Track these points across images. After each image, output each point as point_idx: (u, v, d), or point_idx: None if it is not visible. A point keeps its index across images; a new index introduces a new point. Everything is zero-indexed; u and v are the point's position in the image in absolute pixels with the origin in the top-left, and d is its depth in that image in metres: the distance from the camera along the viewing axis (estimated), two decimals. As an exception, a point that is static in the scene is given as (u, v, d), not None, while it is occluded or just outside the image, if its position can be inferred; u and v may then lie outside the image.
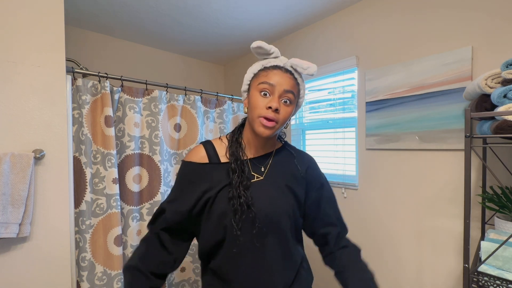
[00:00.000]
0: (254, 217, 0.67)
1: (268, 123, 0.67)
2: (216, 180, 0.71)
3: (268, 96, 0.68)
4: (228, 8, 1.59)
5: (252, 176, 0.73)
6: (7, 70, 0.92)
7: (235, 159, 0.71)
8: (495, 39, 1.07)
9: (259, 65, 0.74)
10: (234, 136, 0.77)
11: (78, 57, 1.76)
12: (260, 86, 0.69)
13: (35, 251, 0.97)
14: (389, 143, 1.38)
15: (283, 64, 0.73)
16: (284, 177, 0.76)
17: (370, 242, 1.49)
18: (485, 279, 0.77)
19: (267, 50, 0.72)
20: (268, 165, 0.76)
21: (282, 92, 0.68)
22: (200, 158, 0.74)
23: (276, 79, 0.68)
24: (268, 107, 0.66)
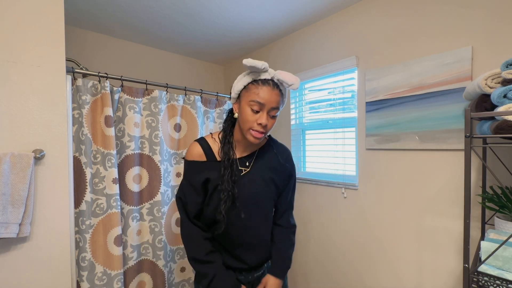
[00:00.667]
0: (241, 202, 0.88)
1: (258, 135, 0.83)
2: (214, 175, 0.87)
3: (258, 113, 0.81)
4: (228, 8, 1.59)
5: (240, 170, 0.91)
6: (7, 70, 0.92)
7: (227, 158, 0.87)
8: (495, 39, 1.07)
9: (249, 77, 0.83)
10: (226, 138, 0.91)
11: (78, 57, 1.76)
12: (251, 103, 0.81)
13: (35, 251, 0.97)
14: (389, 143, 1.38)
15: (271, 77, 0.82)
16: (266, 168, 0.94)
17: (370, 242, 1.49)
18: (485, 279, 0.77)
19: (259, 68, 0.80)
20: (253, 160, 0.94)
21: (269, 109, 0.82)
22: (199, 156, 0.90)
23: (265, 97, 0.80)
24: (259, 124, 0.81)
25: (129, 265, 1.37)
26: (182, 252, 1.56)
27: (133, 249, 1.37)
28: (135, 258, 1.39)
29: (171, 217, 1.53)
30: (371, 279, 1.49)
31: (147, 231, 1.41)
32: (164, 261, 1.44)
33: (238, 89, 0.85)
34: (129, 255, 1.36)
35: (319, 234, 1.75)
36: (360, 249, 1.54)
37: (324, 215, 1.72)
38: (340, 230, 1.63)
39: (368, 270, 1.50)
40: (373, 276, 1.48)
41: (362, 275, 1.53)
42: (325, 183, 1.71)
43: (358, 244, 1.55)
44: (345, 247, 1.61)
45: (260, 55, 2.23)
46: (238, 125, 0.89)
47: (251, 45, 2.16)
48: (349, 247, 1.59)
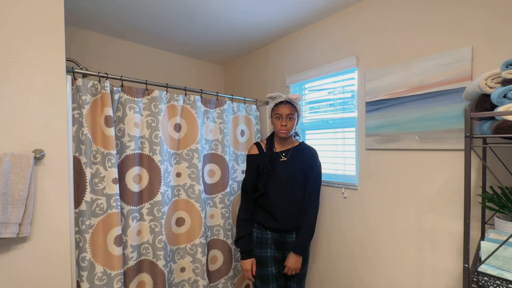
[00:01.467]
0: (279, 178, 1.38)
1: (283, 131, 1.38)
2: (263, 162, 1.41)
3: (280, 119, 1.38)
4: (228, 9, 1.59)
5: (280, 157, 1.42)
6: (7, 70, 0.92)
7: (268, 149, 1.44)
8: (495, 39, 1.07)
9: (272, 103, 1.43)
10: (269, 138, 1.48)
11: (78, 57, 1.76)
12: (275, 115, 1.40)
13: (35, 251, 0.98)
14: (389, 143, 1.38)
15: (284, 99, 1.39)
16: (297, 160, 1.42)
17: (370, 242, 1.49)
18: (485, 279, 0.77)
19: (274, 96, 1.43)
20: (289, 153, 1.44)
21: (286, 115, 1.37)
22: (254, 151, 1.46)
23: (282, 110, 1.37)
24: (281, 125, 1.37)
25: (129, 265, 1.37)
26: (182, 252, 1.56)
27: (133, 249, 1.37)
28: (135, 258, 1.39)
29: (171, 217, 1.54)
30: (371, 279, 1.49)
31: (147, 231, 1.41)
32: (164, 261, 1.44)
33: (269, 111, 1.46)
34: (129, 255, 1.36)
35: (319, 234, 1.75)
36: (360, 249, 1.54)
37: (324, 215, 1.72)
38: (340, 230, 1.63)
39: (368, 270, 1.50)
40: (373, 276, 1.48)
41: (362, 275, 1.53)
42: (325, 183, 1.71)
43: (358, 244, 1.55)
44: (345, 247, 1.61)
45: (260, 55, 2.23)
46: (275, 131, 1.45)
47: (251, 45, 2.16)
48: (349, 247, 1.59)
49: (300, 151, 1.44)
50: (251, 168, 1.43)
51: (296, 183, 1.39)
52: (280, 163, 1.39)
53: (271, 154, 1.40)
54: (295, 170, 1.39)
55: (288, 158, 1.41)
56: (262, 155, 1.42)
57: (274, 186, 1.37)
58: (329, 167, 1.73)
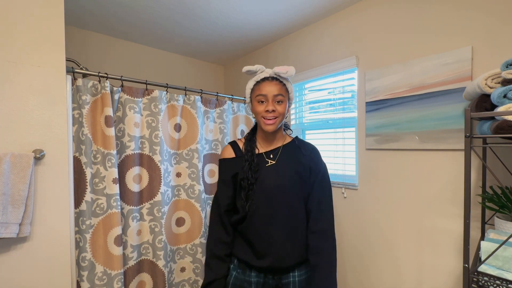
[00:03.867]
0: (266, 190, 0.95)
1: (269, 121, 0.95)
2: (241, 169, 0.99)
3: (264, 103, 0.95)
4: (228, 9, 1.59)
5: (266, 161, 1.00)
6: (7, 70, 0.92)
7: (247, 151, 1.01)
8: (495, 39, 1.07)
9: (253, 81, 0.99)
10: (249, 136, 1.07)
11: (78, 57, 1.76)
12: (257, 97, 0.96)
13: (35, 251, 0.97)
14: (389, 143, 1.38)
15: (269, 75, 0.96)
16: (292, 161, 1.00)
17: (370, 242, 1.49)
18: (485, 279, 0.77)
19: (254, 70, 0.97)
20: (278, 154, 1.02)
21: (273, 97, 0.95)
22: (228, 154, 1.06)
23: (266, 89, 0.94)
24: (266, 110, 0.94)
25: (129, 265, 1.37)
26: (182, 252, 1.56)
27: (133, 249, 1.37)
28: (135, 258, 1.39)
29: (171, 217, 1.53)
30: (371, 279, 1.49)
31: (147, 231, 1.41)
32: (164, 261, 1.44)
33: (248, 94, 1.02)
34: (129, 255, 1.36)
35: (319, 234, 1.75)
36: (360, 249, 1.54)
37: (324, 215, 1.72)
38: (340, 230, 1.63)
39: (368, 270, 1.50)
40: (373, 276, 1.48)
41: (362, 275, 1.53)
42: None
43: (358, 244, 1.55)
44: (345, 247, 1.61)
45: (260, 55, 2.23)
46: (258, 124, 1.04)
47: (251, 45, 2.16)
48: (349, 247, 1.59)
49: (294, 150, 1.03)
50: (225, 178, 1.01)
51: (293, 196, 0.96)
52: (267, 170, 0.97)
53: (252, 157, 0.98)
54: (290, 177, 0.96)
55: (277, 161, 0.99)
56: (241, 159, 1.00)
57: (260, 204, 0.94)
58: (329, 167, 1.73)
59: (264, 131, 0.99)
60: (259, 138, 1.05)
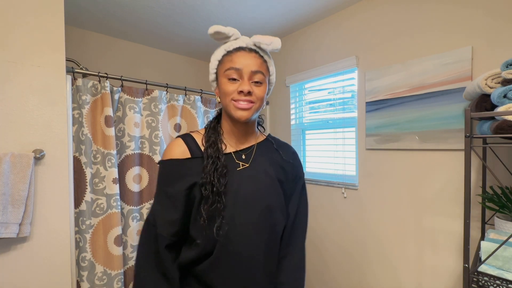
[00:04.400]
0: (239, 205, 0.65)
1: (244, 105, 0.65)
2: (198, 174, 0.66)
3: (237, 81, 0.66)
4: (228, 9, 1.59)
5: (237, 164, 0.70)
6: (7, 70, 0.92)
7: (210, 144, 0.68)
8: (495, 39, 1.07)
9: (222, 50, 0.70)
10: (212, 123, 0.74)
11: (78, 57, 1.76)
12: (227, 72, 0.66)
13: (35, 251, 0.97)
14: (389, 143, 1.38)
15: (246, 44, 0.69)
16: (269, 164, 0.73)
17: (370, 242, 1.49)
18: (485, 279, 0.77)
19: (226, 33, 0.67)
20: (252, 153, 0.74)
21: (250, 74, 0.66)
22: (180, 153, 0.68)
23: (241, 61, 0.66)
24: (240, 92, 0.64)
25: (129, 265, 1.37)
26: (182, 252, 1.56)
27: (133, 249, 1.37)
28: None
29: (171, 217, 1.54)
30: (371, 279, 1.49)
31: (147, 231, 1.42)
32: (164, 261, 1.44)
33: (213, 67, 0.71)
34: (129, 255, 1.36)
35: (319, 234, 1.75)
36: (360, 249, 1.54)
37: (324, 215, 1.72)
38: (340, 230, 1.63)
39: (368, 270, 1.50)
40: (373, 276, 1.48)
41: (362, 275, 1.53)
42: (325, 183, 1.71)
43: (358, 244, 1.55)
44: (345, 247, 1.61)
45: (260, 55, 2.23)
46: (224, 113, 0.73)
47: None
48: (349, 247, 1.59)
49: (270, 151, 0.77)
50: (172, 191, 0.66)
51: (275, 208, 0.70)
52: (239, 176, 0.68)
53: (218, 152, 0.68)
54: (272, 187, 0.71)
55: (251, 164, 0.71)
56: (198, 160, 0.67)
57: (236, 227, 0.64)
58: (329, 167, 1.73)
59: (233, 121, 0.70)
60: (225, 132, 0.73)
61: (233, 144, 0.73)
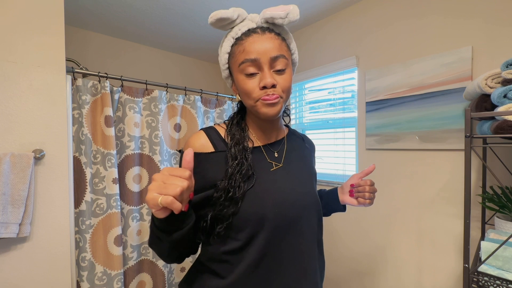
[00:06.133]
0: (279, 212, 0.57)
1: (271, 98, 0.55)
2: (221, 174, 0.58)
3: (256, 75, 0.56)
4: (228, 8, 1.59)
5: (269, 164, 0.62)
6: (7, 70, 0.92)
7: (235, 143, 0.59)
8: (495, 39, 1.07)
9: (229, 39, 0.59)
10: (234, 119, 0.65)
11: (78, 57, 1.76)
12: (242, 67, 0.56)
13: (35, 251, 0.97)
14: (389, 143, 1.38)
15: (256, 24, 0.58)
16: (304, 162, 0.69)
17: (370, 242, 1.49)
18: (485, 279, 0.77)
19: (230, 18, 0.56)
20: (284, 150, 0.66)
21: (270, 62, 0.55)
22: (202, 146, 0.59)
23: (256, 48, 0.55)
24: (262, 87, 0.55)
25: (129, 265, 1.37)
26: (182, 252, 1.56)
27: (133, 249, 1.37)
28: (135, 258, 1.39)
29: (171, 217, 1.54)
30: (371, 279, 1.49)
31: (147, 231, 1.41)
32: (164, 261, 1.44)
33: (224, 62, 0.61)
34: (129, 255, 1.36)
35: (319, 234, 1.75)
36: (360, 249, 1.54)
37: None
38: (340, 230, 1.63)
39: (368, 270, 1.50)
40: (373, 276, 1.48)
41: (362, 275, 1.53)
42: (325, 183, 1.71)
43: (358, 244, 1.55)
44: (345, 247, 1.61)
45: (260, 55, 2.23)
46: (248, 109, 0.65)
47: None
48: (349, 247, 1.59)
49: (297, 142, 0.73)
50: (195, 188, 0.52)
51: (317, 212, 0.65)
52: (272, 176, 0.61)
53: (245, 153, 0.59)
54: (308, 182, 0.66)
55: (284, 162, 0.64)
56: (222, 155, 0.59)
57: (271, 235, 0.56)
58: (329, 167, 1.73)
59: (260, 120, 0.63)
60: (250, 128, 0.66)
61: (261, 140, 0.66)
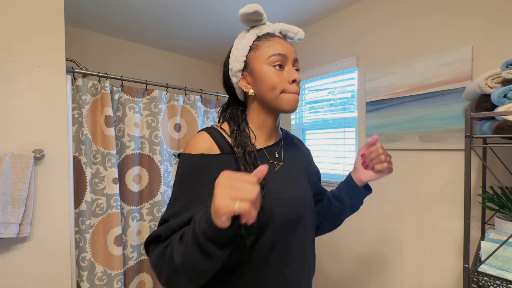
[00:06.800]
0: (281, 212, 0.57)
1: (296, 96, 0.62)
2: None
3: (282, 68, 0.61)
4: (228, 9, 1.59)
5: (272, 164, 0.64)
6: (7, 70, 0.92)
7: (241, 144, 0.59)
8: (495, 39, 1.07)
9: (252, 35, 0.63)
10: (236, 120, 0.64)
11: (78, 57, 1.76)
12: (272, 58, 0.60)
13: (35, 251, 0.97)
14: (389, 143, 1.38)
15: (273, 31, 0.66)
16: (301, 162, 0.72)
17: (370, 242, 1.49)
18: (485, 279, 0.77)
19: (263, 15, 0.62)
20: (282, 150, 0.69)
21: (293, 62, 0.63)
22: (207, 148, 0.57)
23: (285, 48, 0.62)
24: (293, 81, 0.60)
25: (129, 265, 1.37)
26: (182, 252, 1.56)
27: (133, 249, 1.37)
28: (135, 258, 1.39)
29: (171, 217, 1.54)
30: (371, 279, 1.49)
31: (147, 231, 1.41)
32: (164, 261, 1.44)
33: (243, 55, 0.63)
34: (129, 255, 1.36)
35: (319, 234, 1.75)
36: (360, 249, 1.54)
37: (324, 215, 1.72)
38: (340, 230, 1.63)
39: (368, 270, 1.50)
40: (373, 276, 1.48)
41: (362, 275, 1.53)
42: (325, 183, 1.71)
43: (358, 244, 1.55)
44: (344, 247, 1.61)
45: (260, 55, 2.23)
46: (256, 105, 0.65)
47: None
48: (349, 247, 1.59)
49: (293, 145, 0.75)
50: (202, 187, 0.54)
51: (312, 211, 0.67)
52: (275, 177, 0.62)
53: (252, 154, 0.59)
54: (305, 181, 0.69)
55: (284, 162, 0.67)
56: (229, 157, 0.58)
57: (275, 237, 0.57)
58: (329, 167, 1.73)
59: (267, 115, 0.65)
60: (253, 127, 0.66)
61: (262, 141, 0.66)
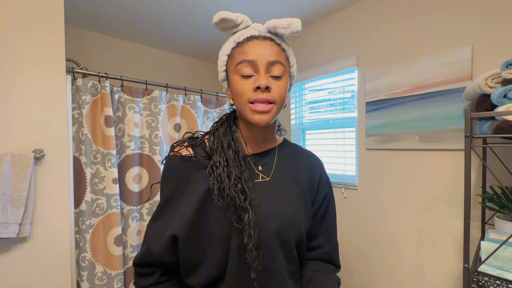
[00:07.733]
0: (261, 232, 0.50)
1: (263, 107, 0.53)
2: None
3: (251, 77, 0.54)
4: (228, 9, 1.59)
5: (256, 174, 0.57)
6: (7, 70, 0.92)
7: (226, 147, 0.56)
8: (495, 39, 1.07)
9: (231, 42, 0.59)
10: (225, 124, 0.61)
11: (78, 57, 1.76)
12: (238, 67, 0.54)
13: (35, 251, 0.97)
14: (389, 143, 1.38)
15: (259, 32, 0.58)
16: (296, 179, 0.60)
17: (370, 242, 1.49)
18: (485, 279, 0.77)
19: (234, 20, 0.57)
20: (274, 162, 0.61)
21: (267, 66, 0.54)
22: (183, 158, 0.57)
23: (255, 51, 0.54)
24: (256, 88, 0.52)
25: (129, 265, 1.37)
26: (182, 252, 1.56)
27: (133, 249, 1.37)
28: (135, 258, 1.39)
29: (171, 217, 1.54)
30: (371, 279, 1.49)
31: (147, 231, 1.42)
32: (164, 261, 1.44)
33: (222, 64, 0.60)
34: (129, 255, 1.36)
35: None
36: (360, 249, 1.54)
37: (324, 215, 1.72)
38: (340, 230, 1.63)
39: (368, 270, 1.50)
40: (373, 276, 1.48)
41: (362, 275, 1.53)
42: (325, 183, 1.71)
43: (358, 244, 1.55)
44: (345, 247, 1.61)
45: (260, 55, 2.23)
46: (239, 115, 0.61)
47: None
48: (349, 247, 1.59)
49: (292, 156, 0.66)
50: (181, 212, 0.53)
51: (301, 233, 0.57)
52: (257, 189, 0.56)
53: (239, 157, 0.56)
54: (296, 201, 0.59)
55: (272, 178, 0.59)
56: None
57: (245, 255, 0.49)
58: (329, 167, 1.73)
59: (250, 126, 0.59)
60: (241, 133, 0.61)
61: (250, 150, 0.61)
